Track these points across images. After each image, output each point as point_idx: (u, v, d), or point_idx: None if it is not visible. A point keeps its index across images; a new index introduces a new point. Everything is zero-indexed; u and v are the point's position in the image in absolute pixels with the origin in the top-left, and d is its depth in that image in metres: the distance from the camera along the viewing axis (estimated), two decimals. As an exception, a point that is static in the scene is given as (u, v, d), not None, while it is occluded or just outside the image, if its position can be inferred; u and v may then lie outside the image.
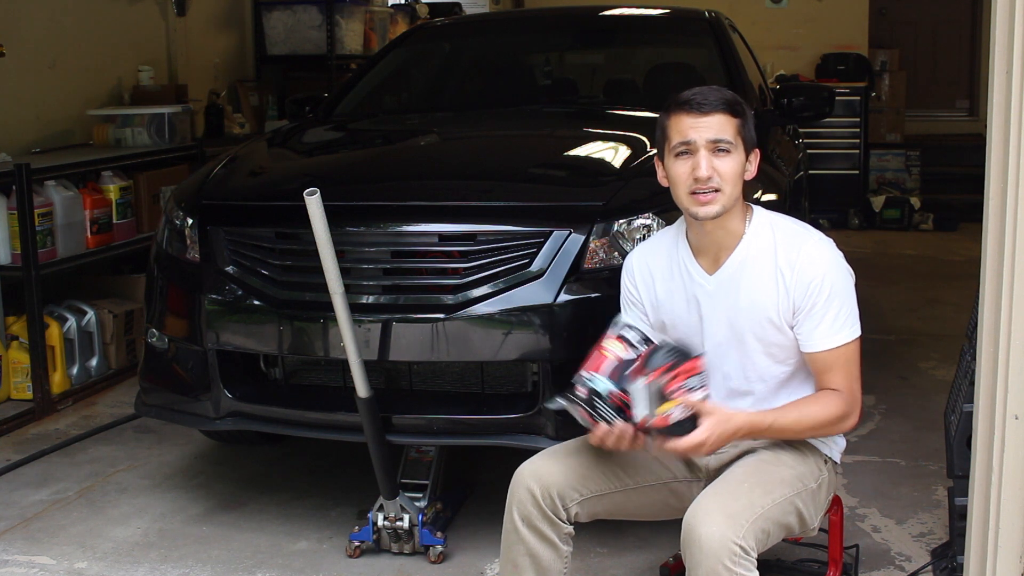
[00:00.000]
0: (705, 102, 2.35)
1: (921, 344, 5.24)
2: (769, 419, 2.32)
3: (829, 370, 2.37)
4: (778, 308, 2.38)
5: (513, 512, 2.37)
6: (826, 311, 2.35)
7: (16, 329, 4.54)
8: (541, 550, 2.36)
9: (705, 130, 2.33)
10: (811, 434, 2.39)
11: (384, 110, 4.72)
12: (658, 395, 2.24)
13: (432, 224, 3.11)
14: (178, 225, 3.43)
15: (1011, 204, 2.07)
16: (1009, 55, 2.05)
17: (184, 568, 3.14)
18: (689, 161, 2.35)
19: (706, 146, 2.33)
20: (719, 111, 2.35)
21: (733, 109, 2.37)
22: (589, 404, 2.26)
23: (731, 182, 2.34)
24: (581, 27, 5.09)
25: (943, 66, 10.46)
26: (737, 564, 2.11)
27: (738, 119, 2.37)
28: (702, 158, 2.33)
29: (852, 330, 2.37)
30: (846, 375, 2.37)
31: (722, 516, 2.15)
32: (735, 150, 2.36)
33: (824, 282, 2.35)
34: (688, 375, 2.28)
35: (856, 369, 2.39)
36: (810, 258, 2.37)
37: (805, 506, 2.36)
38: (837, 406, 2.35)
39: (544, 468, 2.38)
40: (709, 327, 2.45)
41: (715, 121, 2.34)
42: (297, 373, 3.38)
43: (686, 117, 2.35)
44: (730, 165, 2.34)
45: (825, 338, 2.35)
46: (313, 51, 7.06)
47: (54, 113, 5.32)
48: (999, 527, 2.16)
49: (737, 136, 2.36)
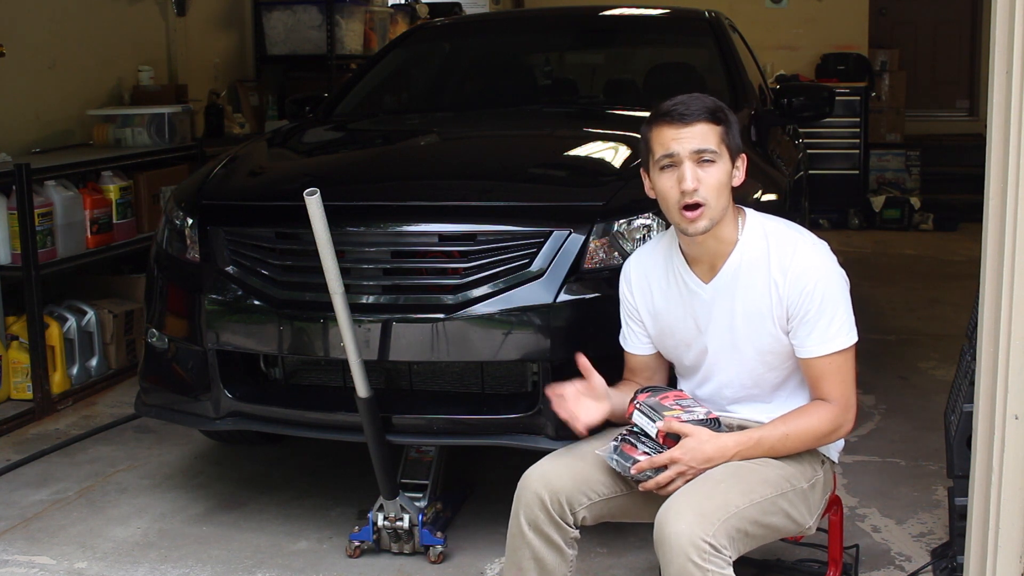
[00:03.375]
0: (687, 112, 2.31)
1: (921, 344, 5.24)
2: (756, 437, 2.33)
3: (823, 377, 2.36)
4: (773, 314, 2.38)
5: (520, 516, 2.36)
6: (819, 317, 2.34)
7: (16, 329, 4.54)
8: (546, 554, 2.35)
9: (688, 141, 2.31)
10: (803, 448, 2.38)
11: (384, 110, 4.72)
12: (655, 408, 2.33)
13: (432, 224, 3.10)
14: (178, 225, 3.43)
15: (1011, 204, 2.07)
16: (1009, 55, 2.05)
17: (184, 568, 3.14)
18: (674, 173, 2.33)
19: (690, 157, 2.31)
20: (701, 120, 2.31)
21: (715, 117, 2.34)
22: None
23: (717, 193, 2.32)
24: (581, 27, 5.09)
25: (943, 66, 10.45)
26: (707, 561, 2.10)
27: (721, 126, 2.34)
28: (687, 170, 2.31)
29: (847, 337, 2.36)
30: (840, 382, 2.36)
31: (692, 514, 2.15)
32: (720, 159, 2.33)
33: (817, 288, 2.34)
34: (676, 399, 2.39)
35: (851, 375, 2.38)
36: (803, 264, 2.36)
37: (793, 506, 2.34)
38: (827, 420, 2.35)
39: (553, 473, 2.36)
40: (707, 335, 2.45)
41: (698, 131, 2.31)
42: (297, 373, 3.38)
43: (668, 129, 2.33)
44: (715, 176, 2.32)
45: (819, 345, 2.35)
46: (313, 51, 7.06)
47: (54, 113, 5.32)
48: (999, 527, 2.16)
49: (721, 144, 2.33)
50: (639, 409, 2.36)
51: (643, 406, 2.36)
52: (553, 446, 2.97)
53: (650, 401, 2.37)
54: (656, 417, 2.33)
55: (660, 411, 2.34)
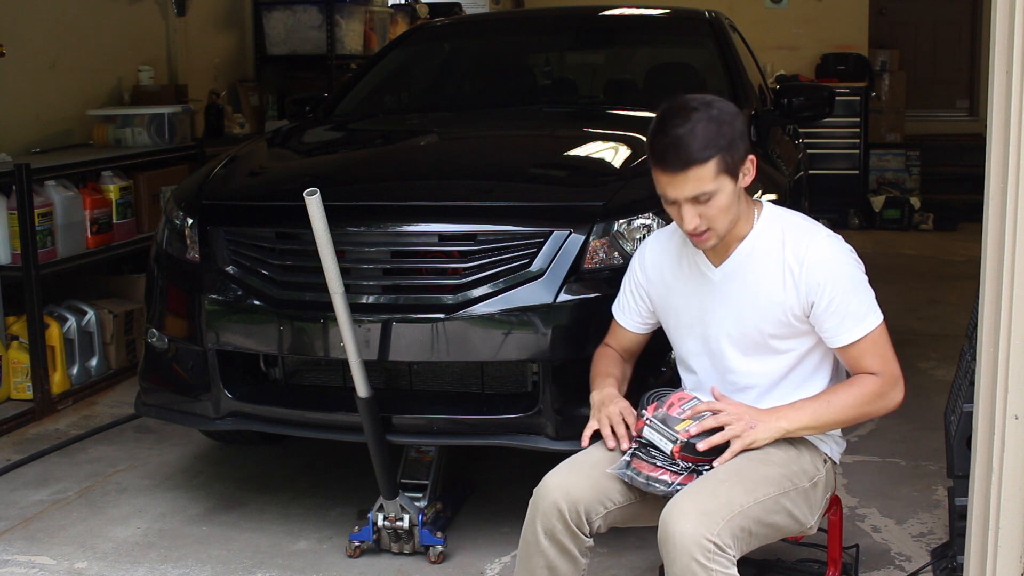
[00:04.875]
0: (676, 162, 2.27)
1: (921, 344, 5.24)
2: (799, 404, 2.37)
3: (862, 358, 2.39)
4: (784, 302, 2.38)
5: (536, 524, 2.34)
6: (846, 305, 2.36)
7: (16, 329, 4.54)
8: (560, 563, 2.35)
9: (682, 187, 2.29)
10: (848, 417, 2.40)
11: (384, 110, 4.72)
12: (665, 422, 2.33)
13: (432, 224, 3.10)
14: (178, 225, 3.43)
15: (1011, 204, 2.07)
16: (1009, 55, 2.05)
17: (184, 568, 3.14)
18: (676, 210, 2.34)
19: (687, 201, 2.31)
20: (693, 165, 2.27)
21: (705, 156, 2.26)
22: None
23: (721, 217, 2.33)
24: (581, 27, 5.09)
25: (943, 66, 10.45)
26: (711, 560, 2.10)
27: (715, 159, 2.28)
28: (685, 212, 2.31)
29: (875, 316, 2.39)
30: (879, 356, 2.39)
31: (697, 513, 2.15)
32: (720, 190, 2.30)
33: (839, 278, 2.36)
34: (682, 402, 2.38)
35: (889, 350, 2.41)
36: (821, 254, 2.37)
37: (795, 505, 2.35)
38: (871, 388, 2.38)
39: (572, 483, 2.35)
40: (713, 319, 2.46)
41: (691, 177, 2.28)
42: (297, 373, 3.38)
43: (662, 175, 2.32)
44: (716, 206, 2.31)
45: (851, 331, 2.37)
46: (313, 51, 7.06)
47: (54, 113, 5.32)
48: (999, 527, 2.16)
49: (719, 177, 2.29)
50: (650, 425, 2.34)
51: (653, 422, 2.34)
52: (553, 446, 2.98)
53: (659, 415, 2.35)
54: (668, 434, 2.32)
55: (671, 424, 2.33)
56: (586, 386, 2.63)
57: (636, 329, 2.66)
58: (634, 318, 2.64)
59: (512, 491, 2.35)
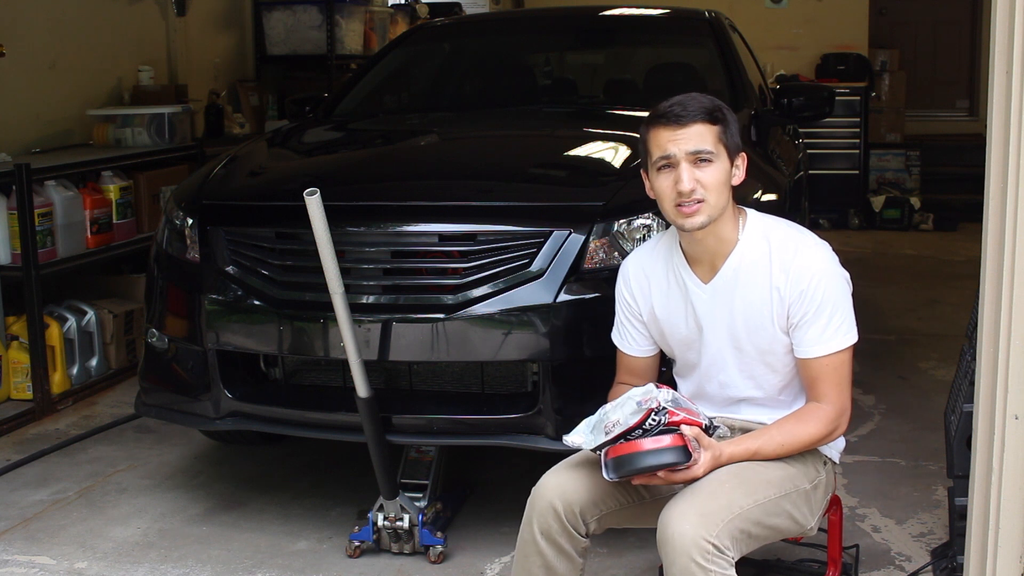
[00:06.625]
0: (683, 113, 2.30)
1: (921, 344, 5.23)
2: (754, 447, 2.32)
3: (819, 379, 2.36)
4: (773, 314, 2.37)
5: (533, 524, 2.34)
6: (818, 318, 2.33)
7: (16, 329, 4.54)
8: (557, 563, 2.34)
9: (684, 142, 2.30)
10: (798, 452, 2.37)
11: (384, 110, 4.72)
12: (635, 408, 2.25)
13: (432, 224, 3.10)
14: (178, 225, 3.43)
15: (1011, 204, 2.07)
16: (1009, 55, 2.05)
17: (184, 568, 3.14)
18: (672, 175, 2.32)
19: (686, 158, 2.30)
20: (697, 121, 2.30)
21: (712, 116, 2.33)
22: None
23: (715, 191, 2.31)
24: (581, 27, 5.09)
25: (943, 66, 10.45)
26: (709, 561, 2.10)
27: (718, 126, 2.33)
28: (683, 171, 2.30)
29: (846, 337, 2.36)
30: (835, 384, 2.36)
31: (696, 515, 2.15)
32: (717, 159, 2.32)
33: (818, 288, 2.33)
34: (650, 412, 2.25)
35: (847, 378, 2.38)
36: (805, 264, 2.35)
37: (796, 507, 2.35)
38: (822, 425, 2.35)
39: (568, 484, 2.35)
40: (707, 335, 2.45)
41: (694, 132, 2.30)
42: (297, 373, 3.38)
43: (664, 130, 2.32)
44: (713, 175, 2.31)
45: (817, 344, 2.35)
46: (313, 51, 7.06)
47: (54, 113, 5.32)
48: (999, 527, 2.16)
49: (718, 144, 2.32)
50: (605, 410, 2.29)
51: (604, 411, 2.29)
52: (553, 446, 2.98)
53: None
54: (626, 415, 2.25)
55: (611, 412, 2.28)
56: (586, 386, 2.63)
57: (643, 354, 2.61)
58: (640, 343, 2.60)
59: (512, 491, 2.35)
